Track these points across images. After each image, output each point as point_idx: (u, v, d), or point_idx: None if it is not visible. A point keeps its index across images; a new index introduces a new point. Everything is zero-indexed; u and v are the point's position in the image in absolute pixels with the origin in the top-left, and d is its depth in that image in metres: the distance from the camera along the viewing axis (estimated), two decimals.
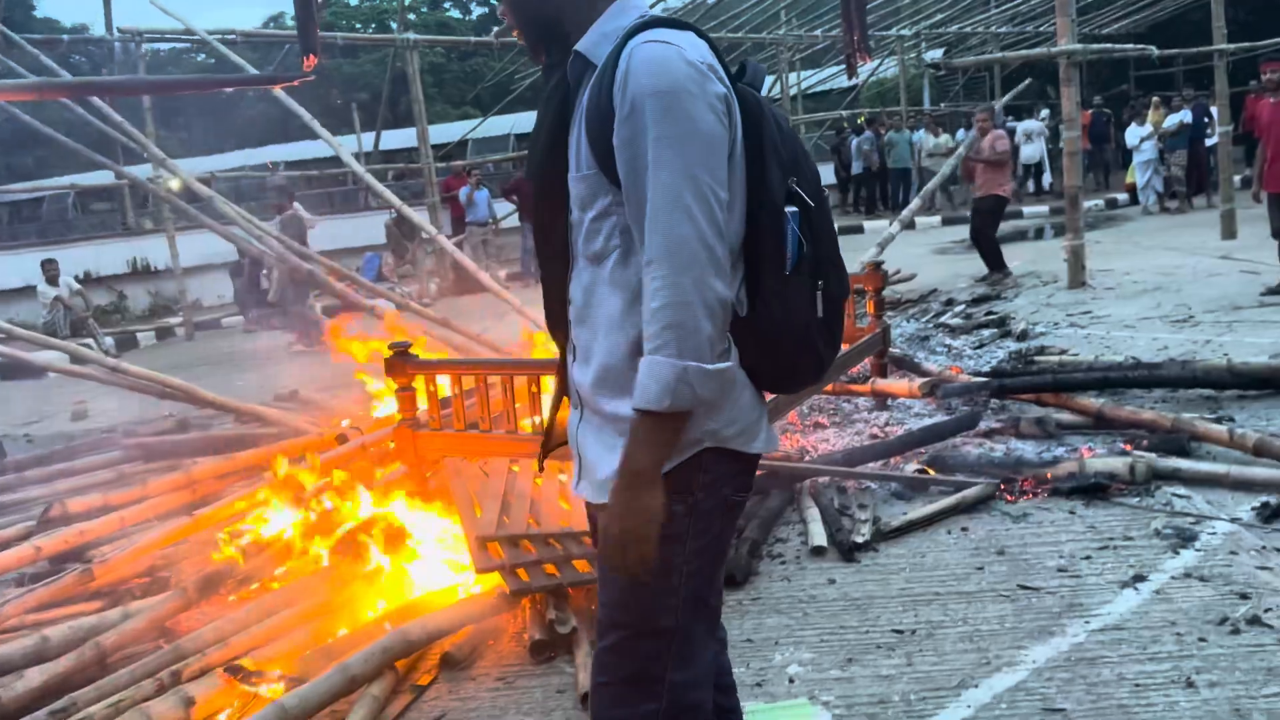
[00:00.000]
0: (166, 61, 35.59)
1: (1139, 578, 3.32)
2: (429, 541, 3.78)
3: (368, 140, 19.22)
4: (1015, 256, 10.75)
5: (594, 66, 1.57)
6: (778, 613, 3.34)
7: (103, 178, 15.47)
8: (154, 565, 4.02)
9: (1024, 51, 16.39)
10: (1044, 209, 16.40)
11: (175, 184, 9.82)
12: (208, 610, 3.57)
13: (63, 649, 3.27)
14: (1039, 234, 14.69)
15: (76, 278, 13.30)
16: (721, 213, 1.47)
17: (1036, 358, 6.22)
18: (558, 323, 1.72)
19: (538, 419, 3.90)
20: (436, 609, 3.30)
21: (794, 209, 1.57)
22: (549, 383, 3.90)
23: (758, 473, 1.85)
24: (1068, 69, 9.10)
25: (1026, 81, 12.85)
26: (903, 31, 19.24)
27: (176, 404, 7.07)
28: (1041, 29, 19.03)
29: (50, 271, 12.06)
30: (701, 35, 1.58)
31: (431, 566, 3.64)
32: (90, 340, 11.90)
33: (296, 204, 11.15)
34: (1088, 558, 3.52)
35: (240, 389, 8.30)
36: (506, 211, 15.55)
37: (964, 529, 3.85)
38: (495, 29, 15.21)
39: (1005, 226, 14.91)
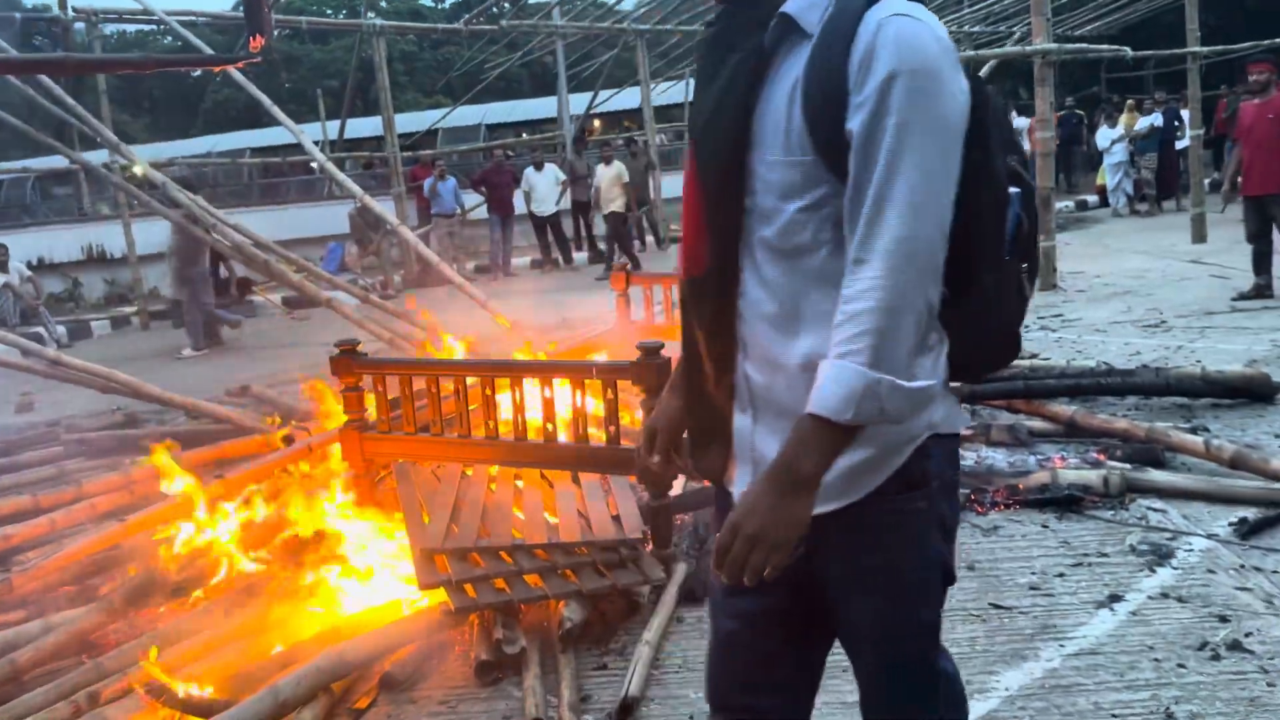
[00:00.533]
0: (133, 44, 34.89)
1: (1115, 597, 3.19)
2: (373, 552, 3.58)
3: (335, 128, 18.89)
4: None
5: (802, 34, 1.38)
6: None
7: (61, 162, 15.07)
8: (83, 573, 3.79)
9: (999, 50, 16.30)
10: None
11: (139, 169, 9.51)
12: (136, 623, 3.35)
13: None
14: None
15: (29, 264, 12.93)
16: (949, 214, 1.34)
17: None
18: (704, 316, 1.53)
19: (490, 422, 3.72)
20: (377, 626, 3.11)
21: (1016, 189, 1.48)
22: (502, 384, 3.72)
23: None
24: (1042, 69, 9.01)
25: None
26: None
27: (126, 398, 6.82)
28: (1015, 29, 18.98)
29: (2, 256, 11.70)
30: None
31: (375, 579, 3.45)
32: (41, 329, 11.57)
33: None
34: (1061, 575, 3.38)
35: (193, 382, 8.04)
36: (475, 203, 15.30)
37: None
38: (465, 17, 14.92)
39: None
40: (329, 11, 35.69)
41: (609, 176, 13.30)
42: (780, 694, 1.65)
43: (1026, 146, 9.86)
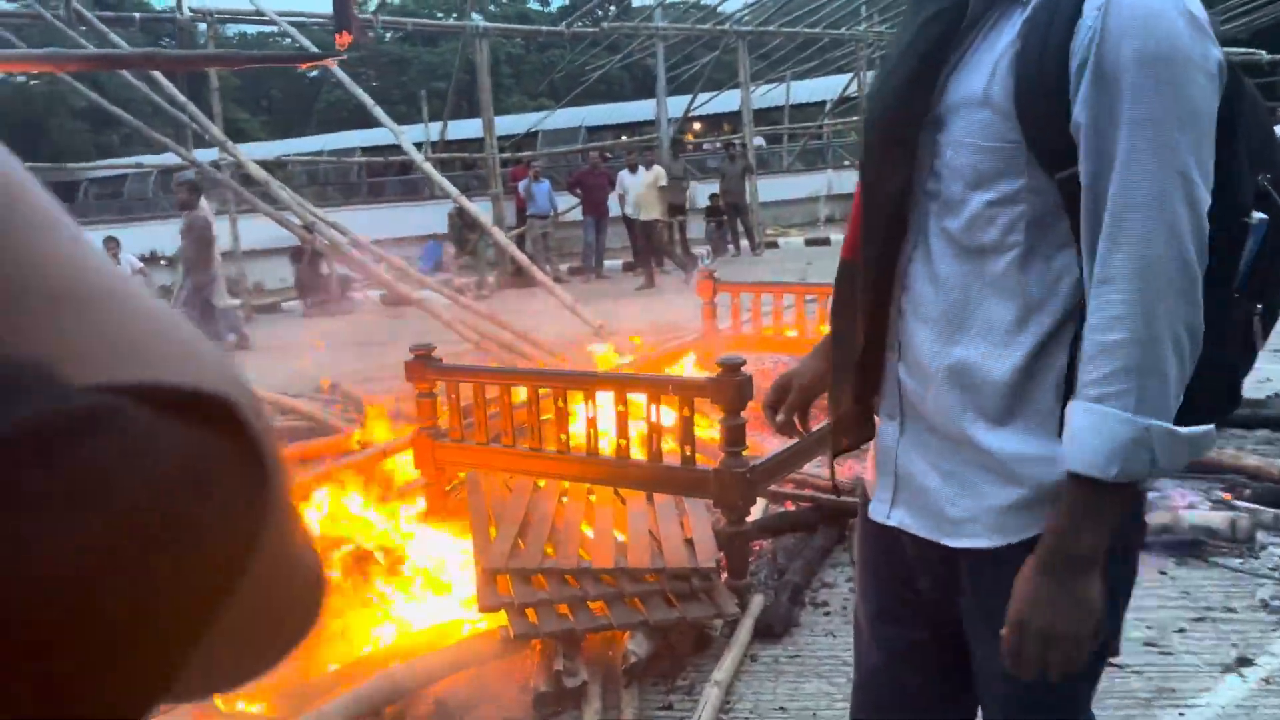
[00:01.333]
0: (254, 44, 36.12)
1: (1244, 661, 2.85)
2: (438, 567, 3.45)
3: (439, 129, 19.13)
4: None
5: (1014, 1, 1.19)
6: (818, 676, 2.94)
7: (175, 158, 15.57)
8: None
9: None
10: None
11: (254, 167, 9.69)
12: None
13: None
14: None
15: (142, 257, 13.35)
16: (1206, 223, 1.13)
17: None
18: (853, 308, 1.37)
19: (563, 436, 3.55)
20: (434, 647, 2.97)
21: (1262, 215, 1.22)
22: (577, 396, 3.55)
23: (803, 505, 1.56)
24: None
25: None
26: None
27: None
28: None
29: (110, 250, 12.09)
30: None
31: (437, 597, 3.31)
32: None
33: (205, 202, 10.28)
34: (1181, 630, 3.05)
35: (286, 376, 8.13)
36: (569, 205, 15.27)
37: None
38: (566, 20, 14.92)
39: None
40: (440, 15, 36.35)
41: (646, 182, 12.93)
42: None
43: None
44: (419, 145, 16.13)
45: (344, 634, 3.13)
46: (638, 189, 12.75)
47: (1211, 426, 1.19)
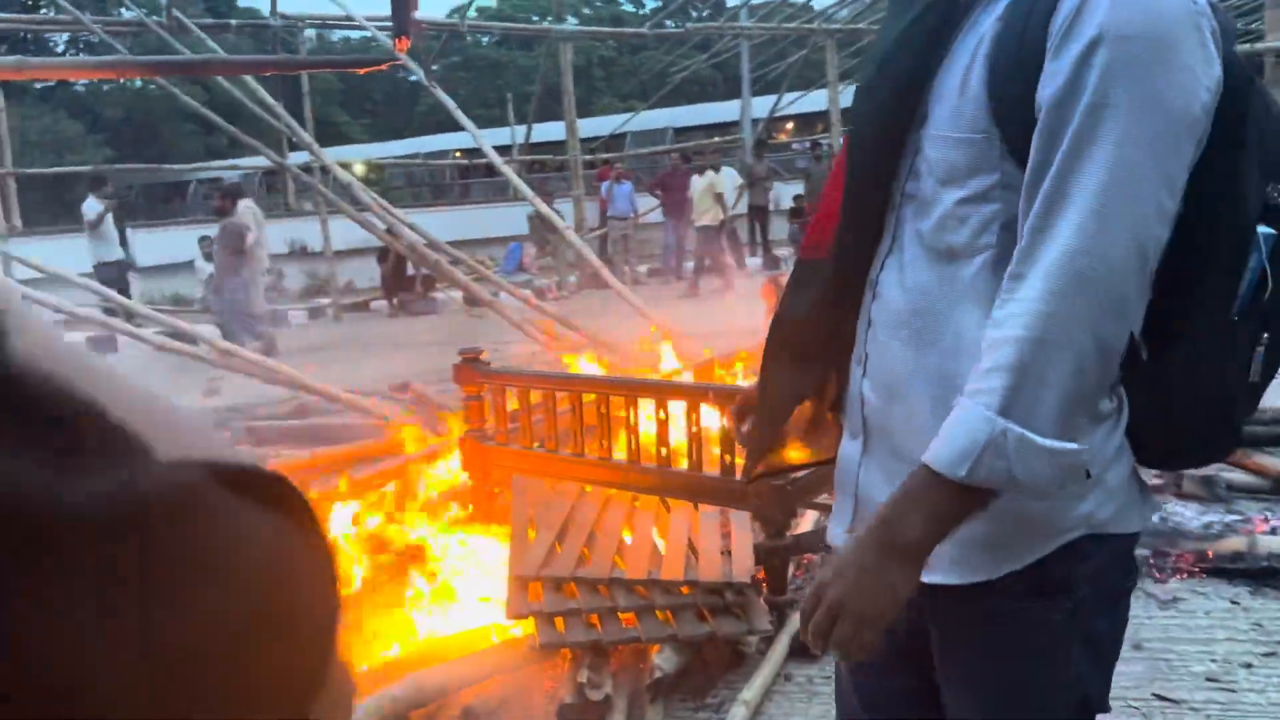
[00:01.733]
0: (356, 49, 37.12)
1: None
2: (477, 571, 3.45)
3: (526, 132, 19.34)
4: None
5: None
6: None
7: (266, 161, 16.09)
8: None
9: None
10: None
11: (359, 169, 9.87)
12: None
13: None
14: None
15: None
16: (1163, 235, 1.02)
17: None
18: (809, 315, 1.27)
19: (604, 442, 3.51)
20: (463, 653, 2.96)
21: (1270, 230, 1.09)
22: (618, 403, 3.50)
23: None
24: (1276, 68, 8.03)
25: None
26: None
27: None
28: (1253, 25, 17.20)
29: (206, 249, 12.51)
30: None
31: (472, 601, 3.31)
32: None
33: (246, 204, 10.08)
34: (1248, 666, 2.85)
35: (365, 374, 8.30)
36: (649, 206, 15.26)
37: None
38: (648, 21, 14.91)
39: None
40: (535, 18, 36.79)
41: (700, 187, 12.69)
42: None
43: None
44: (508, 148, 16.35)
45: (377, 636, 3.15)
46: (695, 193, 12.64)
47: (1076, 445, 1.02)
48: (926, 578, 1.15)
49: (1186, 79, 0.99)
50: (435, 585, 3.30)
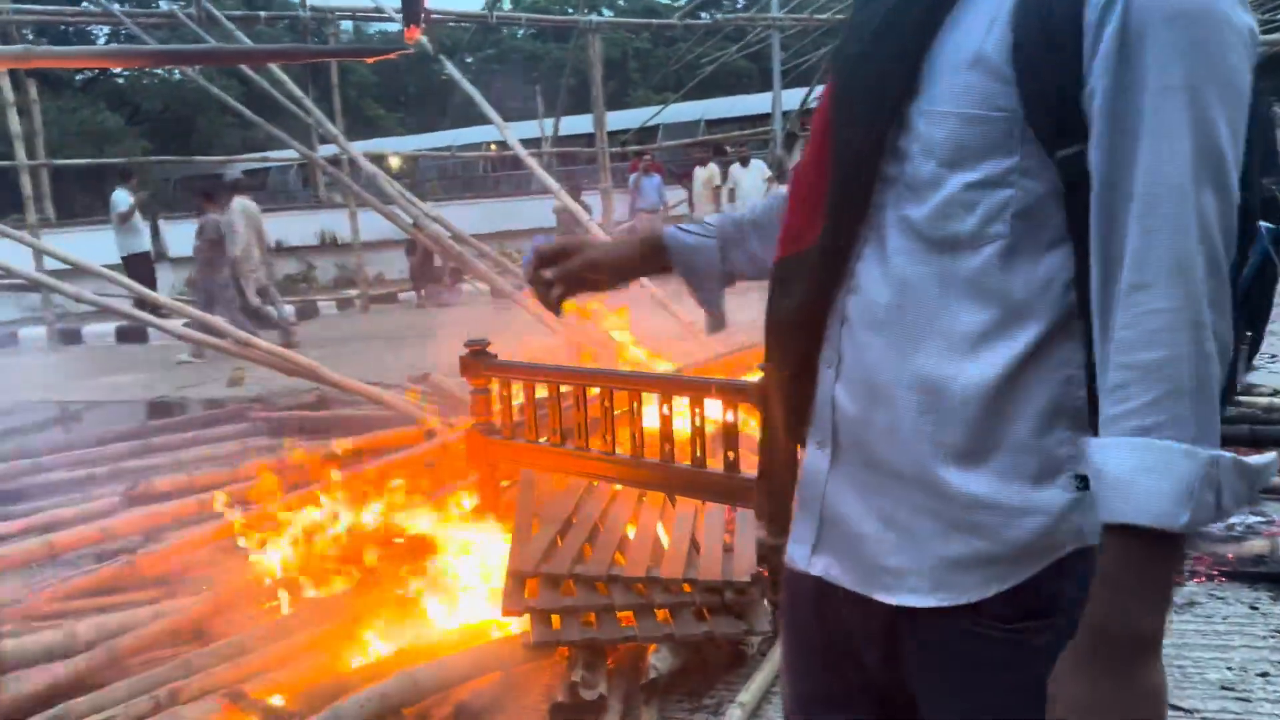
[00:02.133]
0: (393, 41, 37.29)
1: None
2: (479, 566, 3.42)
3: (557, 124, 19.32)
4: None
5: None
6: None
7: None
8: (213, 558, 3.86)
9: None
10: None
11: (395, 162, 9.87)
12: (235, 619, 3.34)
13: (89, 645, 3.13)
14: None
15: (268, 247, 13.87)
16: (1236, 221, 0.95)
17: (1240, 397, 5.24)
18: (800, 316, 1.15)
19: (608, 436, 3.47)
20: (460, 649, 2.93)
21: (1271, 225, 1.04)
22: (623, 398, 3.46)
23: None
24: None
25: None
26: None
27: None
28: (1278, 16, 16.69)
29: None
30: None
31: (472, 597, 3.28)
32: (270, 308, 12.39)
33: (239, 201, 10.12)
34: (1265, 675, 2.75)
35: (389, 366, 8.33)
36: (679, 199, 15.18)
37: None
38: (678, 12, 14.81)
39: None
40: (570, 10, 36.70)
41: (700, 180, 12.52)
42: None
43: None
44: (537, 141, 16.34)
45: (375, 630, 3.13)
46: (696, 186, 12.58)
47: (1275, 455, 0.98)
48: (906, 600, 1.07)
49: (1244, 56, 0.93)
50: (436, 580, 3.27)
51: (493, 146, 24.89)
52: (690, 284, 1.42)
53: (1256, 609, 3.12)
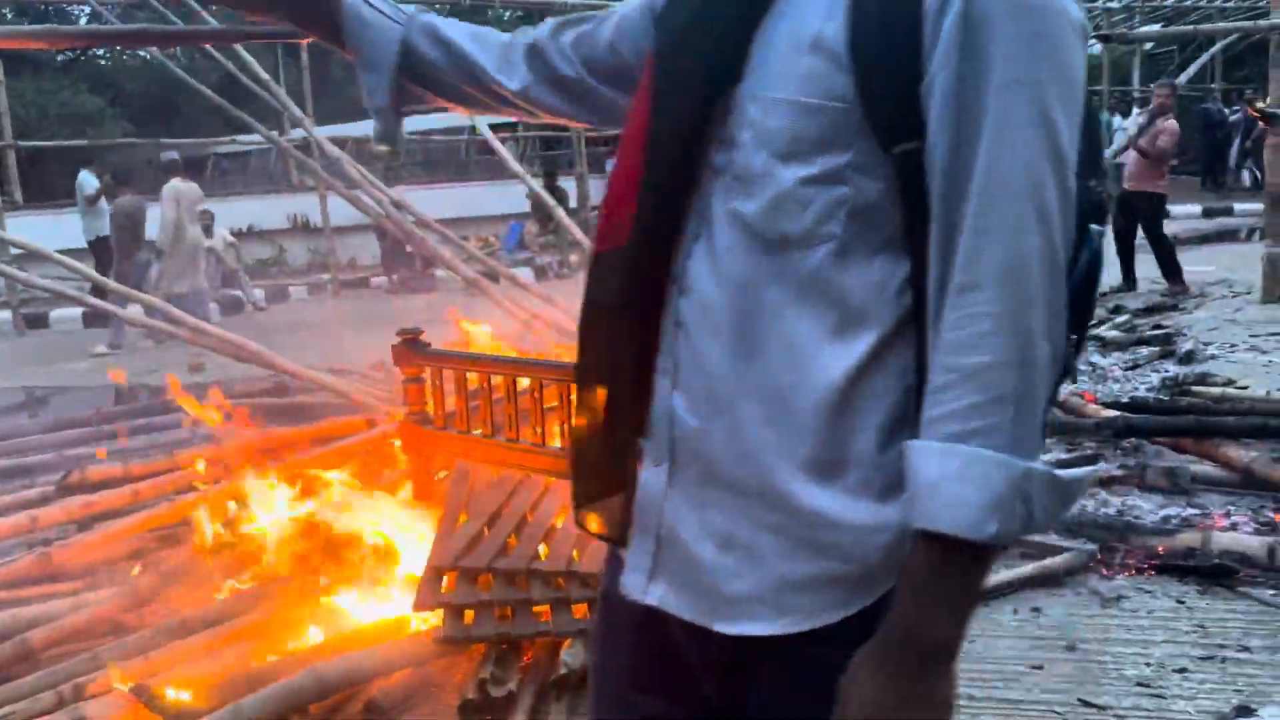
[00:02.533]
0: None
1: (1244, 710, 2.53)
2: (402, 559, 3.37)
3: None
4: (1213, 261, 9.48)
5: None
6: None
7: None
8: (141, 549, 3.79)
9: (1235, 24, 14.37)
10: (1259, 206, 14.51)
11: (329, 145, 9.82)
12: (157, 610, 3.29)
13: (2, 637, 3.07)
14: (1251, 235, 12.96)
15: (238, 231, 13.76)
16: (1074, 219, 0.92)
17: (1193, 387, 5.22)
18: (621, 319, 1.07)
19: (538, 428, 3.42)
20: (371, 644, 2.89)
21: (1098, 228, 1.00)
22: (553, 391, 3.41)
23: None
24: None
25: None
26: (1110, 4, 17.40)
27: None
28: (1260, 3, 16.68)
29: (204, 221, 12.48)
30: None
31: (392, 590, 3.23)
32: (239, 292, 12.29)
33: (173, 184, 9.63)
34: (1183, 671, 2.73)
35: (351, 351, 8.25)
36: None
37: (1035, 609, 3.11)
38: None
39: (1211, 225, 13.31)
40: None
41: None
42: None
43: (1130, 155, 8.50)
44: (513, 125, 16.18)
45: (291, 625, 3.08)
46: None
47: (1091, 469, 0.93)
48: (748, 630, 1.00)
49: (1079, 51, 0.90)
50: (356, 574, 3.23)
51: (476, 130, 24.72)
52: (358, 66, 1.28)
53: (1183, 603, 3.10)
